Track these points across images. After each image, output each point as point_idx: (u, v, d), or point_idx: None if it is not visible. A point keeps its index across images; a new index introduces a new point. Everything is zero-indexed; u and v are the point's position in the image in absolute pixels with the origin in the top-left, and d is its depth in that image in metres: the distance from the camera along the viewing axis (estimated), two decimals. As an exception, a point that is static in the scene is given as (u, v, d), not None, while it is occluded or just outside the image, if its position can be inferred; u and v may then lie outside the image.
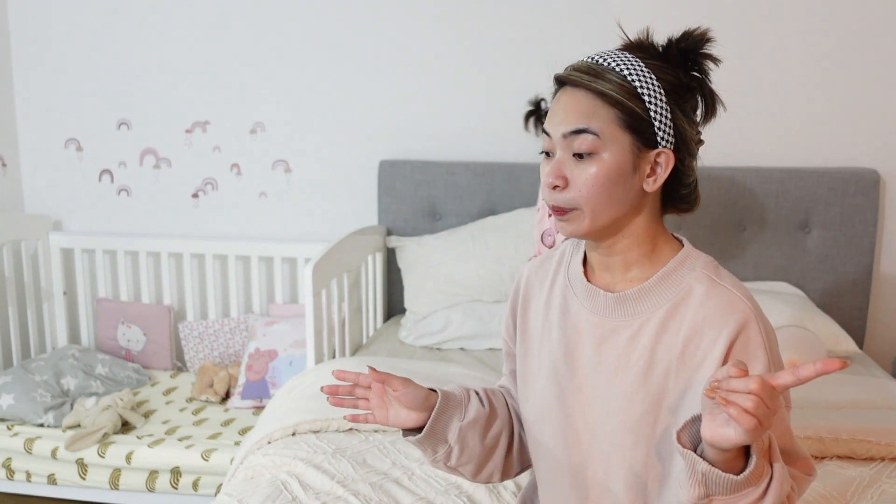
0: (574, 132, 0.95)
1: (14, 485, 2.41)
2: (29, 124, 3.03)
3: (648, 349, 0.97)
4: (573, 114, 0.95)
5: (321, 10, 2.81)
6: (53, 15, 2.93)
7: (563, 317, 1.06)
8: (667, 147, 0.97)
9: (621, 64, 0.96)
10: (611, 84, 0.94)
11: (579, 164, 0.96)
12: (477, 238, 2.63)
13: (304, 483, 1.51)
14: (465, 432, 1.09)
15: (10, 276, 2.78)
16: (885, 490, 1.48)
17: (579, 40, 2.68)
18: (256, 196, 2.98)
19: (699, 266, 1.00)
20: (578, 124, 0.95)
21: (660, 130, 0.96)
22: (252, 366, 2.62)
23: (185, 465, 2.27)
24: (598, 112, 0.95)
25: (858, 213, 2.57)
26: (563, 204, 0.97)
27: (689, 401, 0.95)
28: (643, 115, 0.95)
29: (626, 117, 0.94)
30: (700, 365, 0.94)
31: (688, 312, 0.96)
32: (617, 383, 0.99)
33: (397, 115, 2.85)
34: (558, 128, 0.96)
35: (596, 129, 0.94)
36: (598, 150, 0.95)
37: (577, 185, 0.96)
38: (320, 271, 2.17)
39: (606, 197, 0.95)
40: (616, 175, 0.95)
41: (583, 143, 0.95)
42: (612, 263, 1.02)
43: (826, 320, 2.37)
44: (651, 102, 0.95)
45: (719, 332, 0.93)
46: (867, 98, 2.62)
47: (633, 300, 0.99)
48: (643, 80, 0.95)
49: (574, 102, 0.96)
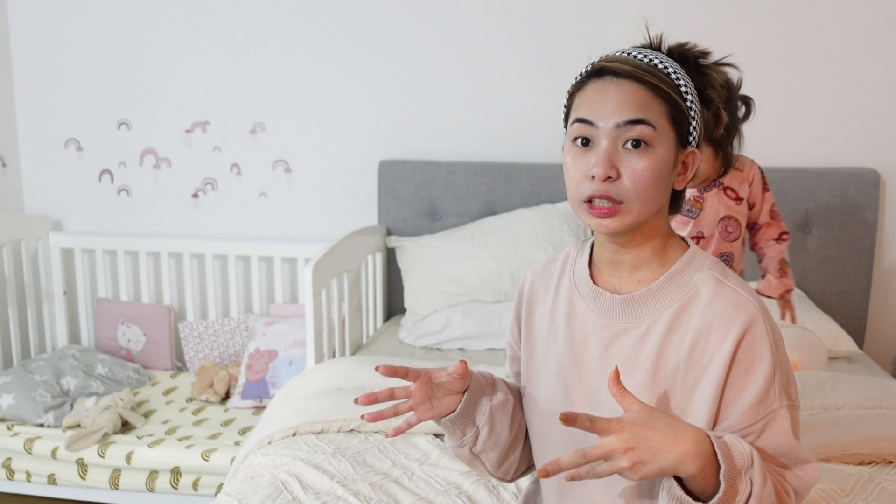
0: (631, 122, 0.92)
1: (14, 485, 2.41)
2: (29, 124, 3.03)
3: (656, 351, 0.97)
4: (629, 104, 0.92)
5: (321, 10, 2.81)
6: (53, 15, 2.93)
7: (569, 319, 1.05)
8: (695, 147, 0.98)
9: (664, 61, 0.97)
10: (659, 79, 0.94)
11: (631, 156, 0.93)
12: (477, 238, 2.63)
13: (304, 483, 1.51)
14: (494, 414, 1.07)
15: (10, 276, 2.78)
16: (885, 487, 1.48)
17: (579, 41, 2.68)
18: (256, 196, 2.99)
19: (706, 266, 0.99)
20: (636, 114, 0.92)
21: (694, 130, 0.97)
22: (252, 366, 2.63)
23: (185, 465, 2.27)
24: (652, 105, 0.93)
25: (858, 213, 2.57)
26: (614, 195, 0.93)
27: (696, 402, 0.95)
28: (686, 113, 0.96)
29: (676, 113, 0.95)
30: (708, 366, 0.95)
31: (695, 314, 0.96)
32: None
33: (397, 115, 2.85)
34: (610, 117, 0.93)
35: (653, 121, 0.93)
36: (652, 143, 0.93)
37: (631, 176, 0.92)
38: (320, 271, 2.17)
39: (655, 191, 0.94)
40: (665, 170, 0.95)
41: (640, 133, 0.92)
42: (622, 262, 1.01)
43: (826, 320, 2.37)
44: (691, 101, 0.96)
45: (726, 333, 0.93)
46: (867, 98, 2.62)
47: (641, 302, 0.99)
48: (684, 79, 0.96)
49: (627, 93, 0.93)
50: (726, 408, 0.95)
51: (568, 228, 2.60)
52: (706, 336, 0.95)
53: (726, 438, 0.90)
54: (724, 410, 0.95)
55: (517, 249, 2.56)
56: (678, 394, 0.97)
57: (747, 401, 0.93)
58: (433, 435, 1.72)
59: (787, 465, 0.96)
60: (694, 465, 0.86)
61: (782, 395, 0.94)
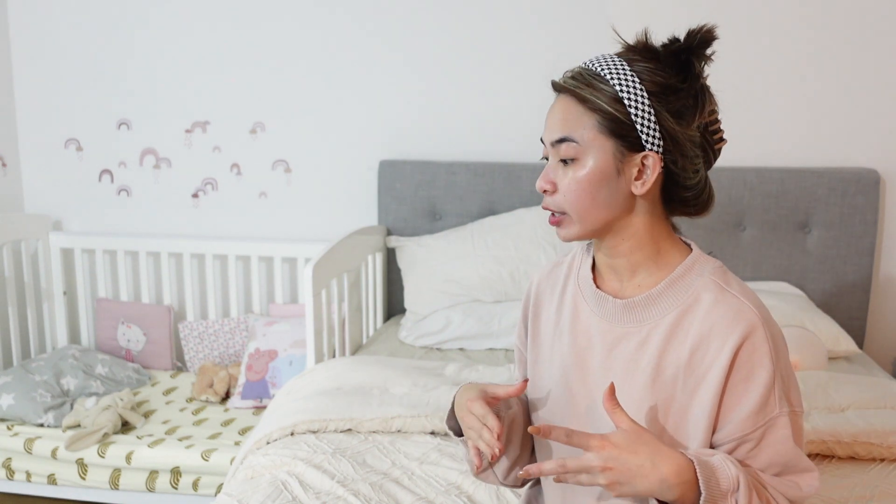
0: (558, 140, 0.98)
1: (14, 485, 2.41)
2: (29, 124, 3.03)
3: (656, 356, 0.97)
4: (558, 122, 0.99)
5: (321, 10, 2.81)
6: (53, 15, 2.94)
7: (573, 323, 1.06)
8: (653, 150, 0.96)
9: (607, 68, 0.97)
10: (594, 90, 0.96)
11: (564, 170, 0.99)
12: (477, 238, 2.63)
13: (304, 483, 1.51)
14: (511, 428, 1.10)
15: (10, 276, 2.78)
16: (884, 490, 1.48)
17: (579, 41, 2.68)
18: (256, 196, 2.99)
19: (707, 272, 0.99)
20: (562, 133, 0.98)
21: (643, 134, 0.95)
22: (252, 366, 2.62)
23: (185, 465, 2.27)
24: (581, 119, 0.97)
25: (858, 213, 2.57)
26: (553, 207, 1.01)
27: (696, 408, 0.96)
28: (625, 120, 0.95)
29: (608, 123, 0.96)
30: (707, 372, 0.95)
31: (695, 320, 0.96)
32: (625, 389, 0.99)
33: (397, 115, 2.85)
34: (547, 136, 1.00)
35: (577, 137, 0.97)
36: (579, 157, 0.97)
37: (563, 189, 0.99)
38: (320, 271, 2.17)
39: (590, 200, 0.98)
40: (598, 179, 0.97)
41: (566, 150, 0.98)
42: (618, 266, 1.03)
43: (826, 320, 2.37)
44: (632, 106, 0.95)
45: (725, 341, 0.94)
46: (867, 98, 2.62)
47: (641, 307, 1.00)
48: (626, 84, 0.95)
49: (561, 111, 0.99)
50: (725, 415, 0.95)
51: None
52: (706, 343, 0.95)
53: (714, 460, 0.90)
54: (722, 418, 0.95)
55: (517, 249, 2.56)
56: (679, 399, 0.97)
57: (746, 409, 0.93)
58: (432, 434, 1.72)
59: (784, 473, 0.96)
60: (672, 493, 0.88)
61: (783, 401, 0.94)
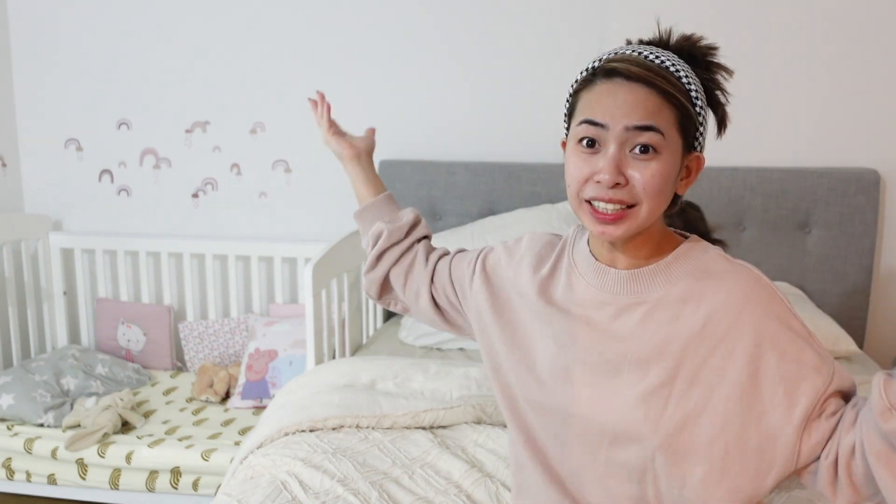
0: (641, 127, 0.91)
1: (14, 485, 2.42)
2: (29, 124, 3.03)
3: (665, 324, 0.97)
4: (640, 109, 0.91)
5: (321, 10, 2.81)
6: (53, 15, 2.94)
7: (567, 297, 1.05)
8: (700, 151, 0.98)
9: (676, 64, 0.95)
10: (670, 83, 0.93)
11: (639, 161, 0.92)
12: (477, 238, 2.62)
13: (303, 483, 1.51)
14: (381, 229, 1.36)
15: (10, 276, 2.78)
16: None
17: (579, 41, 2.68)
18: (256, 196, 2.99)
19: (711, 249, 1.01)
20: (647, 120, 0.91)
21: (700, 136, 0.96)
22: (252, 366, 2.62)
23: (185, 465, 2.27)
24: (661, 111, 0.92)
25: (858, 213, 2.57)
26: (629, 200, 0.93)
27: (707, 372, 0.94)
28: (695, 120, 0.95)
29: (683, 119, 0.94)
30: (722, 340, 0.94)
31: (707, 289, 0.96)
32: (629, 356, 0.98)
33: (397, 115, 2.85)
34: (621, 120, 0.91)
35: (662, 128, 0.92)
36: (661, 149, 0.92)
37: (642, 181, 0.92)
38: (320, 271, 2.17)
39: (663, 197, 0.94)
40: (672, 176, 0.95)
41: (651, 139, 0.91)
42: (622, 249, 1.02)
43: (826, 320, 2.37)
44: (700, 107, 0.95)
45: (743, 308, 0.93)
46: (867, 98, 2.62)
47: (648, 276, 0.99)
48: (694, 84, 0.95)
49: (638, 98, 0.92)
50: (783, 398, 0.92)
51: (568, 229, 2.60)
52: (721, 311, 0.94)
53: None
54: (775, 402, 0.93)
55: (517, 249, 2.56)
56: (688, 366, 0.95)
57: (808, 398, 0.91)
58: (432, 433, 1.72)
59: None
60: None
61: (807, 348, 0.93)
